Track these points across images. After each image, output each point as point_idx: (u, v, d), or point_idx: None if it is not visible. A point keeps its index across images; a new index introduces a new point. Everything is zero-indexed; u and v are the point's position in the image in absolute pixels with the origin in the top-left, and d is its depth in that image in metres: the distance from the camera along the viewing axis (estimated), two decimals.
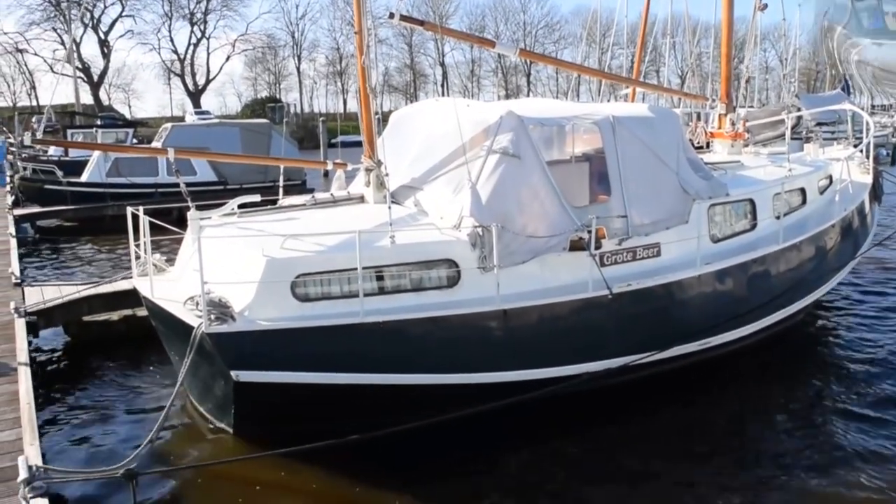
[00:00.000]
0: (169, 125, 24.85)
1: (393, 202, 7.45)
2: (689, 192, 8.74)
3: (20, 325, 8.87)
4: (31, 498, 5.11)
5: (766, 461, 6.93)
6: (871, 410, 7.90)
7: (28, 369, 7.49)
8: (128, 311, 10.62)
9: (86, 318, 10.56)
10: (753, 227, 9.58)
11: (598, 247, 7.72)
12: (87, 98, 65.01)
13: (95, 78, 69.87)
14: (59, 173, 23.64)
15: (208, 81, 76.08)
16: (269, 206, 8.78)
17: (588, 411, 7.77)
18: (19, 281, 11.28)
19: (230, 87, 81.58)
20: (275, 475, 6.67)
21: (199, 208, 7.18)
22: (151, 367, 9.41)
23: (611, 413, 7.87)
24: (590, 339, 7.79)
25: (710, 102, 13.29)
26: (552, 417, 7.62)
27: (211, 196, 10.62)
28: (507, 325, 7.23)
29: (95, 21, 68.91)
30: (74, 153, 26.37)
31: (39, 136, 29.04)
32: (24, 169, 24.51)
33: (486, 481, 6.65)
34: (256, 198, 8.30)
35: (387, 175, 8.28)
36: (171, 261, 8.53)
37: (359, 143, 9.11)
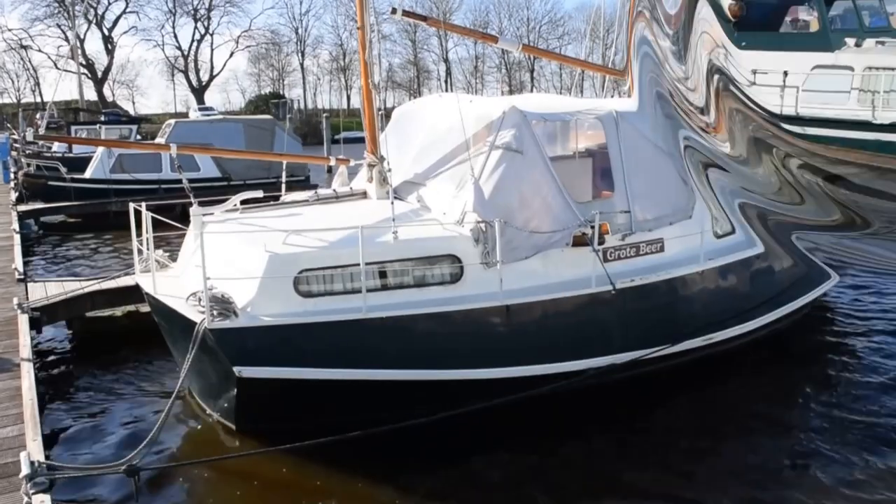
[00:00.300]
0: (172, 121, 24.79)
1: (395, 198, 7.43)
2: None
3: (23, 321, 8.88)
4: (34, 494, 5.10)
5: (766, 462, 6.89)
6: (874, 414, 7.82)
7: (31, 365, 7.49)
8: (131, 308, 10.61)
9: (89, 314, 10.56)
10: None
11: (601, 242, 7.69)
12: (90, 94, 65.18)
13: (99, 74, 69.98)
14: (63, 169, 23.64)
15: (212, 78, 76.11)
16: (271, 202, 8.78)
17: (589, 408, 7.74)
18: (23, 277, 11.30)
19: (234, 84, 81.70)
20: (277, 471, 6.68)
21: (201, 204, 7.19)
22: (154, 363, 9.40)
23: (612, 409, 7.85)
24: (593, 334, 7.77)
25: None
26: (554, 414, 7.60)
27: (214, 192, 10.57)
28: (509, 321, 7.21)
29: (99, 17, 69.01)
30: (78, 149, 26.44)
31: (42, 132, 29.05)
32: (28, 165, 24.53)
33: (487, 478, 6.63)
34: (259, 193, 8.30)
35: (389, 171, 8.26)
36: (173, 257, 8.54)
37: (362, 139, 9.10)
